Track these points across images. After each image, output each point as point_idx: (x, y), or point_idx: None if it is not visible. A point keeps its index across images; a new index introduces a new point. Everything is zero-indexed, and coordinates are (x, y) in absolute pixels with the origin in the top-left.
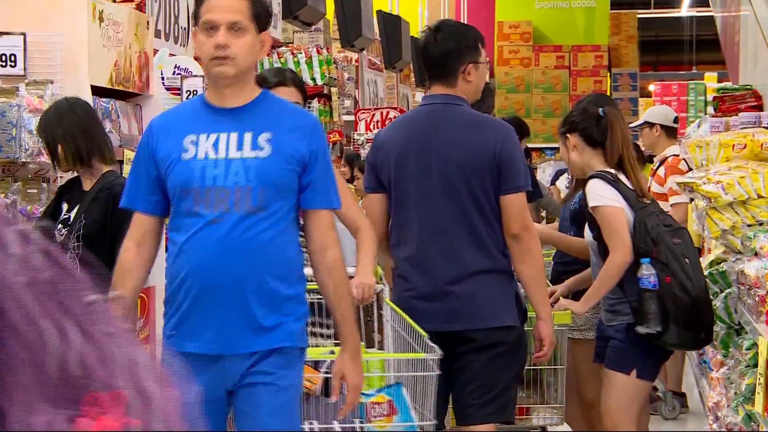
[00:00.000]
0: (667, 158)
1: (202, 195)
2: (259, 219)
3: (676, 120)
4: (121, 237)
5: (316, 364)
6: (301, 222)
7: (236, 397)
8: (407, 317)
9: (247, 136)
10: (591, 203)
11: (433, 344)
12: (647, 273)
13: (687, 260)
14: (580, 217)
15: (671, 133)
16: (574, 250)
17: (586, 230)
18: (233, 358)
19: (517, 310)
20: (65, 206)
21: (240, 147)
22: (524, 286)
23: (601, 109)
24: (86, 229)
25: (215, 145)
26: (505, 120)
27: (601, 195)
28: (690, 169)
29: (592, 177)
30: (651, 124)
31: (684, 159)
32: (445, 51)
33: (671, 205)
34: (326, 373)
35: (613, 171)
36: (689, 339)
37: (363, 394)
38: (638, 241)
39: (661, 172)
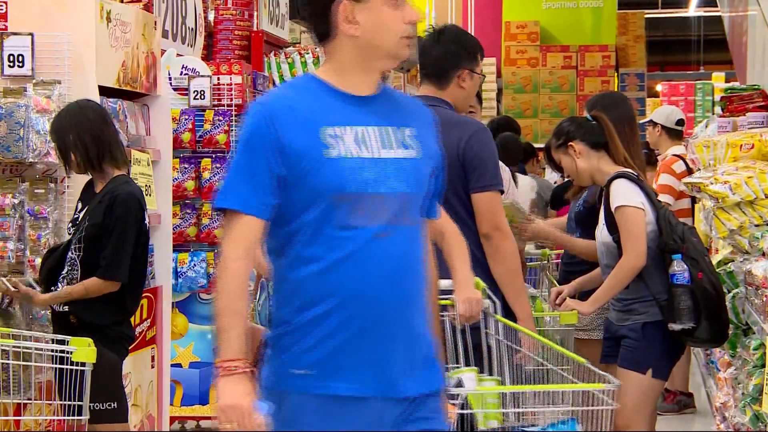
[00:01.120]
0: (666, 158)
1: (359, 202)
2: (417, 232)
3: (679, 122)
4: (121, 238)
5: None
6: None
7: None
8: (539, 336)
9: (391, 132)
10: (615, 203)
11: (603, 373)
12: (680, 269)
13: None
14: (585, 218)
15: (673, 134)
16: (577, 251)
17: (603, 231)
18: (393, 401)
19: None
20: (79, 206)
21: (388, 145)
22: (499, 286)
23: (588, 115)
24: (87, 231)
25: (362, 141)
26: (495, 120)
27: (626, 195)
28: (689, 170)
29: (616, 177)
30: (654, 124)
31: (682, 159)
32: (446, 52)
33: None
34: (461, 408)
35: (631, 171)
36: (718, 334)
37: (524, 430)
38: (666, 238)
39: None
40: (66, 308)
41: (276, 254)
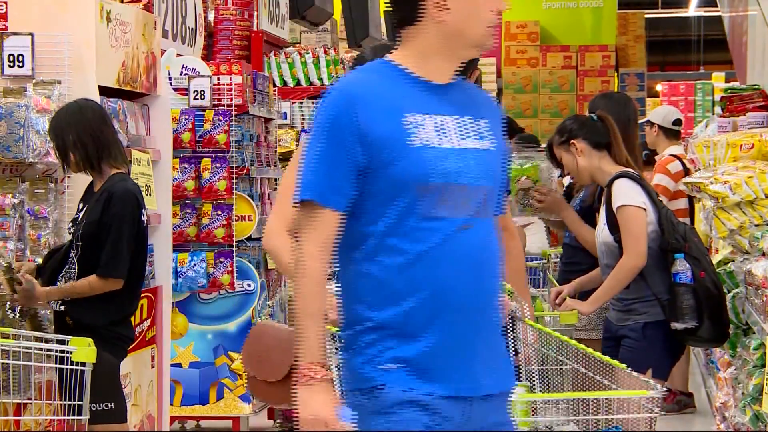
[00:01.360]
0: (663, 158)
1: (444, 194)
2: (494, 226)
3: (676, 122)
4: (119, 235)
5: None
6: None
7: None
8: (568, 339)
9: (467, 122)
10: (617, 203)
11: (647, 379)
12: (683, 268)
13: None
14: (582, 217)
15: (671, 134)
16: (582, 237)
17: (604, 231)
18: (477, 400)
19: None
20: (80, 205)
21: (466, 135)
22: None
23: (593, 115)
24: (84, 229)
25: (443, 130)
26: None
27: (628, 195)
28: (686, 170)
29: (618, 177)
30: (651, 124)
31: (679, 159)
32: None
33: None
34: None
35: (633, 171)
36: (719, 333)
37: None
38: (669, 237)
39: None
40: (62, 308)
41: (350, 248)
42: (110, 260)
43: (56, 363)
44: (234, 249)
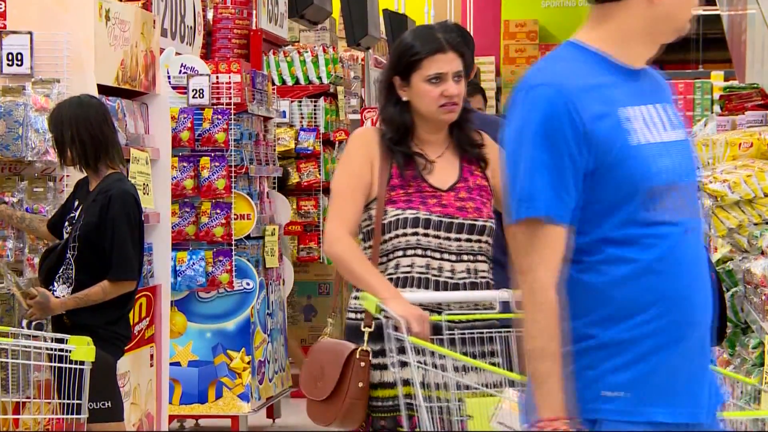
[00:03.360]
0: None
1: (665, 194)
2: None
3: None
4: (123, 236)
5: None
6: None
7: None
8: None
9: (664, 110)
10: None
11: None
12: None
13: None
14: None
15: None
16: None
17: None
18: (702, 425)
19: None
20: (76, 203)
21: (668, 126)
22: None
23: None
24: (82, 230)
25: (652, 123)
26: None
27: None
28: None
29: None
30: None
31: None
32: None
33: None
34: None
35: None
36: (718, 332)
37: None
38: None
39: None
40: None
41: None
42: (119, 263)
43: (55, 362)
44: (233, 248)
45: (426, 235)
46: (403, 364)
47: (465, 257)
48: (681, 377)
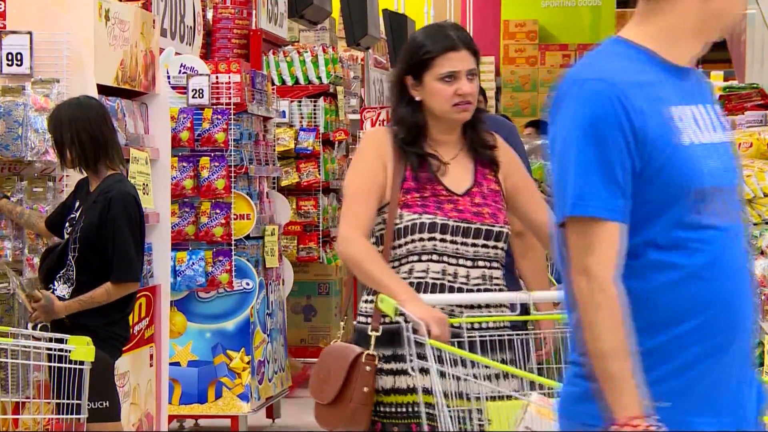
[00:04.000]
0: None
1: (712, 197)
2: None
3: None
4: (124, 238)
5: None
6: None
7: None
8: None
9: (710, 110)
10: None
11: None
12: None
13: None
14: None
15: None
16: None
17: None
18: None
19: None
20: (77, 204)
21: (714, 127)
22: (526, 283)
23: None
24: (82, 232)
25: (698, 122)
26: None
27: None
28: None
29: None
30: None
31: None
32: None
33: None
34: None
35: None
36: None
37: None
38: None
39: None
40: None
41: None
42: (122, 264)
43: (55, 362)
44: (232, 248)
45: (443, 240)
46: (423, 371)
47: (481, 263)
48: (725, 386)
